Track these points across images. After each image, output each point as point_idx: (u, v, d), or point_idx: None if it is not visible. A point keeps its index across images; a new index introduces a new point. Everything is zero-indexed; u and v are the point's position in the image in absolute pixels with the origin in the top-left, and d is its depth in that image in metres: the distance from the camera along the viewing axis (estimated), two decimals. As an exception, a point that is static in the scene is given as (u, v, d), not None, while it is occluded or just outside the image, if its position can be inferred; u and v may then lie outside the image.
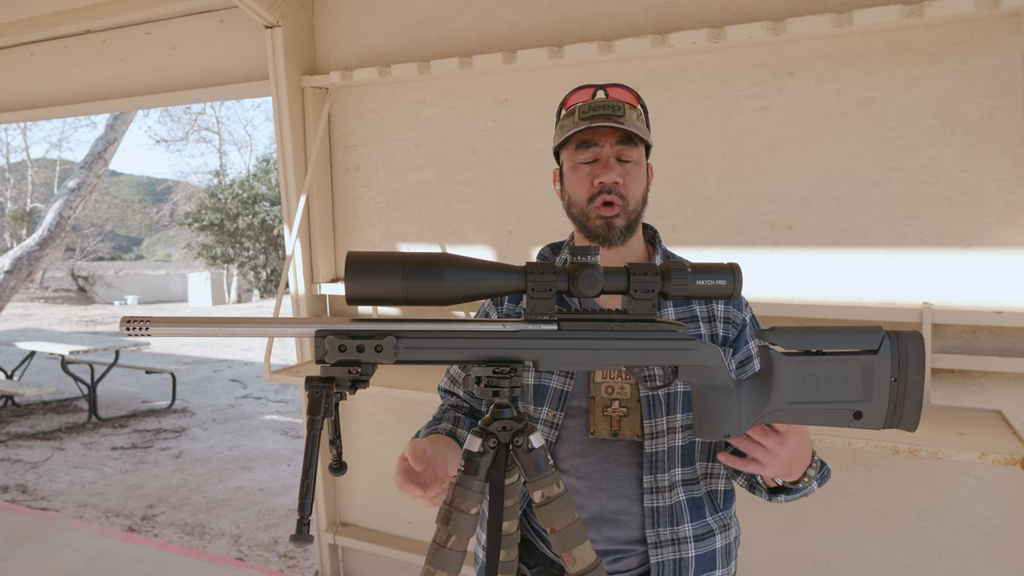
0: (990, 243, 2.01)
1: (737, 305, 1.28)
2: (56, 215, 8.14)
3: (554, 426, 1.26)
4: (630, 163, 1.22)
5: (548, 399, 1.26)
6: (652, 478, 1.21)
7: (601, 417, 1.23)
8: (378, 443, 3.05)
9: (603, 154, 1.22)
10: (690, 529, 1.23)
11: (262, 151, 38.50)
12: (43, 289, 23.70)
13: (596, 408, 1.23)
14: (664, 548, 1.21)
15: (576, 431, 1.25)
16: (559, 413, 1.25)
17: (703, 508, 1.25)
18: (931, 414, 1.98)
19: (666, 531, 1.22)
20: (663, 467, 1.22)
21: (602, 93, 1.24)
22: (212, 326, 0.82)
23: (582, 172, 1.24)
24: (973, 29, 1.97)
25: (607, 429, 1.22)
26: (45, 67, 3.74)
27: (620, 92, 1.24)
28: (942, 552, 2.13)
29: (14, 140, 39.95)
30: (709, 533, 1.25)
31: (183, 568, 3.44)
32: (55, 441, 5.87)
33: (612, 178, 1.20)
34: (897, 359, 0.94)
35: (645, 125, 1.26)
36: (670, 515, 1.22)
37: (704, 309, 1.26)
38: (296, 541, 0.77)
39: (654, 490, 1.22)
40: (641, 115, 1.25)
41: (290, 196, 2.92)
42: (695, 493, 1.25)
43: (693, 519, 1.23)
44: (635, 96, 1.25)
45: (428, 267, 0.82)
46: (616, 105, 1.20)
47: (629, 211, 1.22)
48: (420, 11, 2.74)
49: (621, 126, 1.18)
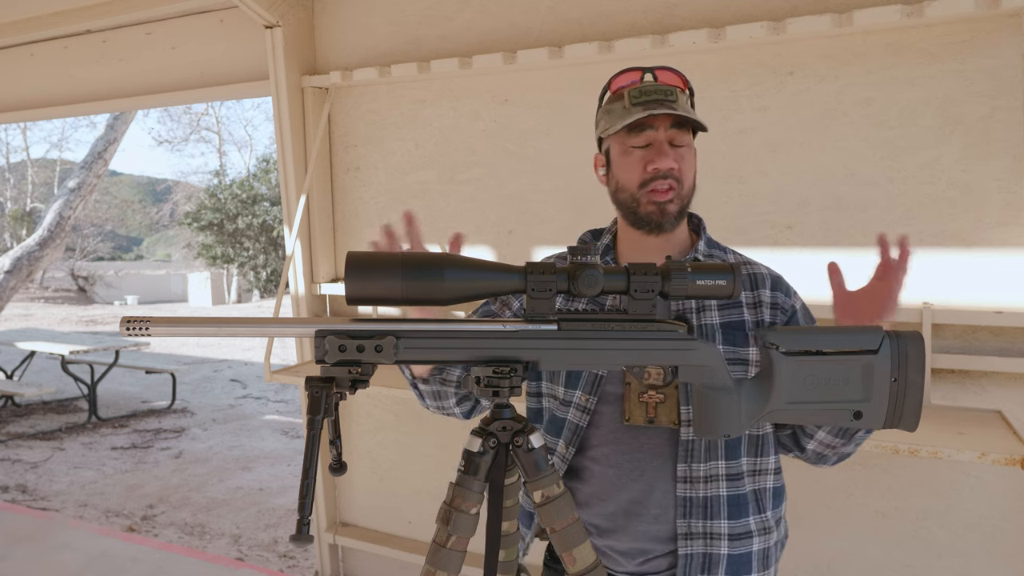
0: (990, 243, 2.01)
1: (786, 291, 1.25)
2: (56, 215, 8.13)
3: (586, 410, 1.21)
4: (683, 148, 1.18)
5: (582, 382, 1.22)
6: (687, 467, 1.17)
7: (637, 403, 1.18)
8: (378, 443, 3.05)
9: (657, 139, 1.17)
10: (726, 526, 1.17)
11: (262, 151, 38.51)
12: (43, 289, 23.70)
13: (631, 394, 1.18)
14: (694, 540, 1.16)
15: (610, 417, 1.20)
16: (592, 397, 1.21)
17: (746, 507, 1.19)
18: (931, 414, 1.98)
19: (698, 523, 1.16)
20: (699, 456, 1.17)
21: (650, 76, 1.19)
22: (212, 326, 0.82)
23: (634, 157, 1.19)
24: (973, 29, 1.97)
25: (643, 416, 1.18)
26: (45, 67, 3.74)
27: (669, 75, 1.20)
28: (942, 552, 2.13)
29: (14, 140, 39.95)
30: (747, 534, 1.18)
31: (183, 568, 3.43)
32: (55, 441, 5.87)
33: (668, 164, 1.16)
34: (897, 359, 0.94)
35: (693, 108, 1.23)
36: (704, 507, 1.16)
37: (750, 295, 1.23)
38: (296, 541, 0.77)
39: (688, 479, 1.17)
40: (689, 99, 1.22)
41: (290, 196, 2.92)
42: (739, 490, 1.19)
43: (731, 517, 1.17)
44: (683, 79, 1.21)
45: (428, 267, 0.82)
46: (668, 89, 1.16)
47: (683, 196, 1.19)
48: (420, 11, 2.74)
49: (677, 111, 1.14)
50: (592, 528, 1.22)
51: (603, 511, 1.21)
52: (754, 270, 1.26)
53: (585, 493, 1.23)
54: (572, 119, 2.52)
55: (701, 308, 1.21)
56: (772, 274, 1.27)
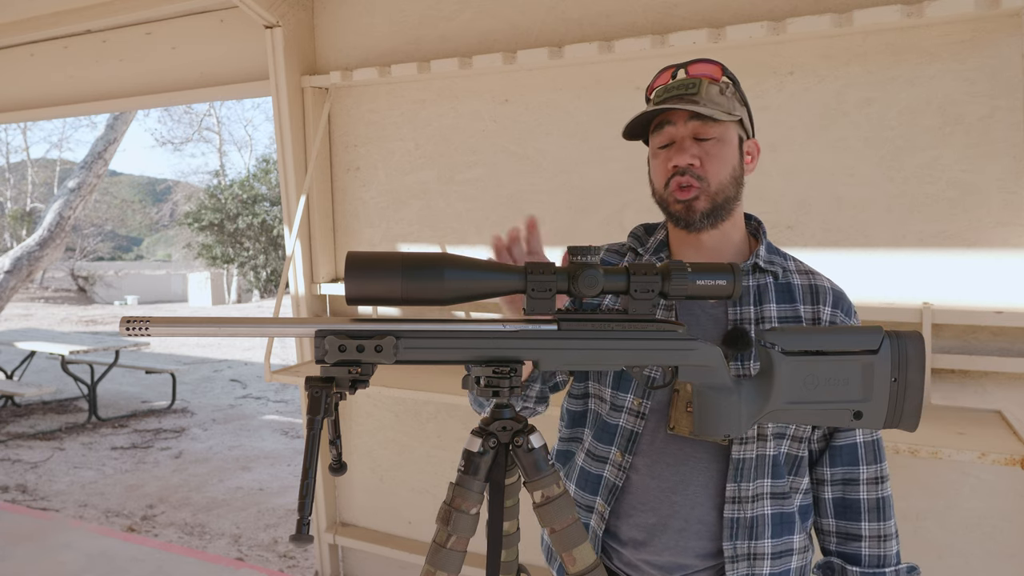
0: (990, 243, 2.01)
1: (846, 311, 1.18)
2: (56, 215, 8.13)
3: (640, 415, 1.17)
4: (710, 141, 1.12)
5: (633, 385, 1.17)
6: (736, 487, 1.12)
7: (683, 413, 1.12)
8: (378, 443, 3.05)
9: (677, 135, 1.13)
10: (769, 546, 1.13)
11: (262, 151, 38.53)
12: (43, 289, 23.70)
13: (679, 402, 1.13)
14: (740, 563, 1.13)
15: (654, 425, 1.16)
16: (646, 402, 1.16)
17: (792, 525, 1.15)
18: (931, 414, 1.98)
19: (743, 544, 1.12)
20: (749, 475, 1.12)
21: (682, 72, 1.15)
22: (212, 326, 0.82)
23: (660, 157, 1.16)
24: (973, 29, 1.97)
25: (688, 426, 1.12)
26: (45, 67, 3.74)
27: (701, 67, 1.15)
28: (942, 552, 2.13)
29: (14, 140, 39.98)
30: (788, 552, 1.15)
31: (183, 568, 3.43)
32: (55, 441, 5.87)
33: (684, 160, 1.11)
34: (897, 359, 0.94)
35: (736, 98, 1.16)
36: (750, 528, 1.12)
37: (810, 309, 1.16)
38: (296, 541, 0.77)
39: (736, 499, 1.12)
40: (727, 88, 1.15)
41: (290, 196, 2.92)
42: (786, 508, 1.15)
43: (775, 535, 1.14)
44: (719, 68, 1.15)
45: (428, 267, 0.82)
46: (691, 83, 1.12)
47: (711, 192, 1.12)
48: (420, 11, 2.74)
49: (688, 106, 1.09)
50: (627, 540, 1.18)
51: (642, 522, 1.17)
52: (816, 282, 1.19)
53: (622, 503, 1.18)
54: (572, 119, 2.52)
55: (760, 320, 1.16)
56: (835, 289, 1.20)
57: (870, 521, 1.16)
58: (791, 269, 1.21)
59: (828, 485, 1.18)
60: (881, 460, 1.17)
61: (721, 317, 1.17)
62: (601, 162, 2.47)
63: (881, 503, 1.16)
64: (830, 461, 1.18)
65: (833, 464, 1.18)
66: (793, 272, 1.21)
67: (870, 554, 1.16)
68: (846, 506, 1.17)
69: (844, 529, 1.18)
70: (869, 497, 1.16)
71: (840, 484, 1.18)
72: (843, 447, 1.17)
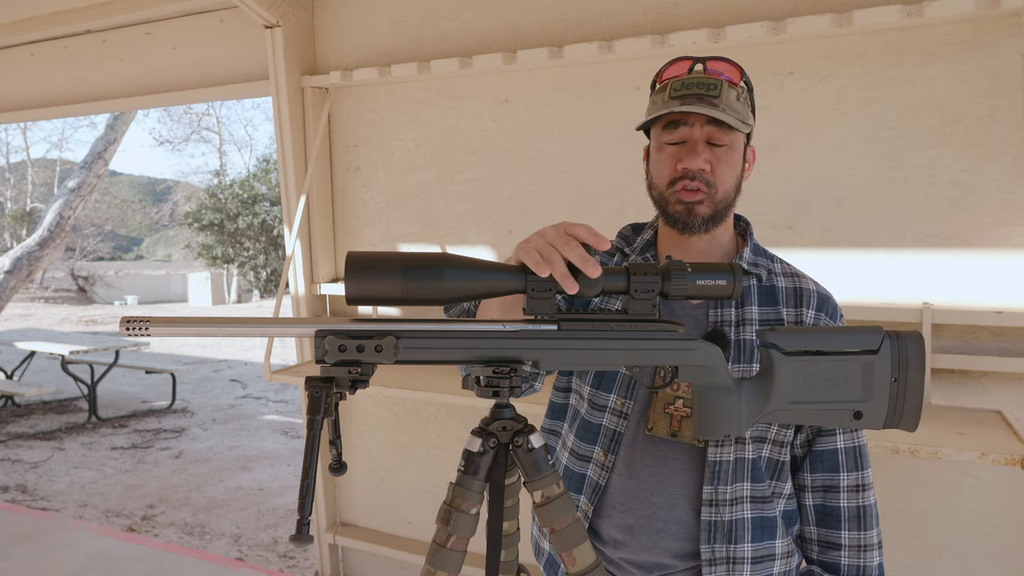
0: (990, 243, 2.01)
1: (831, 314, 1.16)
2: (56, 215, 8.13)
3: (623, 415, 1.16)
4: (722, 147, 1.10)
5: (616, 385, 1.17)
6: (712, 489, 1.11)
7: (661, 413, 1.12)
8: (378, 443, 3.05)
9: (692, 136, 1.10)
10: (749, 550, 1.11)
11: (262, 151, 38.56)
12: (43, 289, 23.70)
13: (658, 403, 1.13)
14: (718, 566, 1.11)
15: (635, 425, 1.16)
16: (628, 401, 1.15)
17: (774, 530, 1.13)
18: (931, 414, 1.98)
19: (721, 548, 1.11)
20: (727, 479, 1.11)
21: (700, 67, 1.10)
22: (212, 326, 0.82)
23: (667, 153, 1.12)
24: (973, 29, 1.97)
25: (666, 428, 1.12)
26: (45, 67, 3.74)
27: (720, 66, 1.11)
28: (942, 552, 2.13)
29: (14, 140, 40.01)
30: (769, 557, 1.13)
31: (183, 568, 3.43)
32: (55, 441, 5.87)
33: (697, 165, 1.08)
34: (897, 359, 0.93)
35: (749, 105, 1.14)
36: (729, 531, 1.11)
37: (792, 312, 1.15)
38: (296, 541, 0.77)
39: (713, 502, 1.11)
40: (743, 94, 1.12)
41: (290, 196, 2.92)
42: (767, 512, 1.13)
43: (755, 540, 1.12)
44: (738, 71, 1.11)
45: (428, 267, 0.82)
46: (712, 83, 1.08)
47: (716, 200, 1.11)
48: (420, 11, 2.74)
49: (710, 111, 1.06)
50: (608, 540, 1.18)
51: (621, 522, 1.16)
52: (801, 284, 1.18)
53: (604, 503, 1.18)
54: (572, 119, 2.52)
55: (740, 323, 1.15)
56: (821, 292, 1.18)
57: (850, 530, 1.14)
58: (776, 271, 1.20)
59: (809, 491, 1.17)
60: (863, 468, 1.15)
61: (701, 318, 1.16)
62: (601, 162, 2.47)
63: (862, 512, 1.14)
64: (811, 467, 1.16)
65: (814, 470, 1.16)
66: (778, 274, 1.19)
67: (849, 564, 1.14)
68: (826, 513, 1.16)
69: (824, 537, 1.17)
70: (849, 505, 1.14)
71: (820, 491, 1.16)
72: (824, 452, 1.15)
